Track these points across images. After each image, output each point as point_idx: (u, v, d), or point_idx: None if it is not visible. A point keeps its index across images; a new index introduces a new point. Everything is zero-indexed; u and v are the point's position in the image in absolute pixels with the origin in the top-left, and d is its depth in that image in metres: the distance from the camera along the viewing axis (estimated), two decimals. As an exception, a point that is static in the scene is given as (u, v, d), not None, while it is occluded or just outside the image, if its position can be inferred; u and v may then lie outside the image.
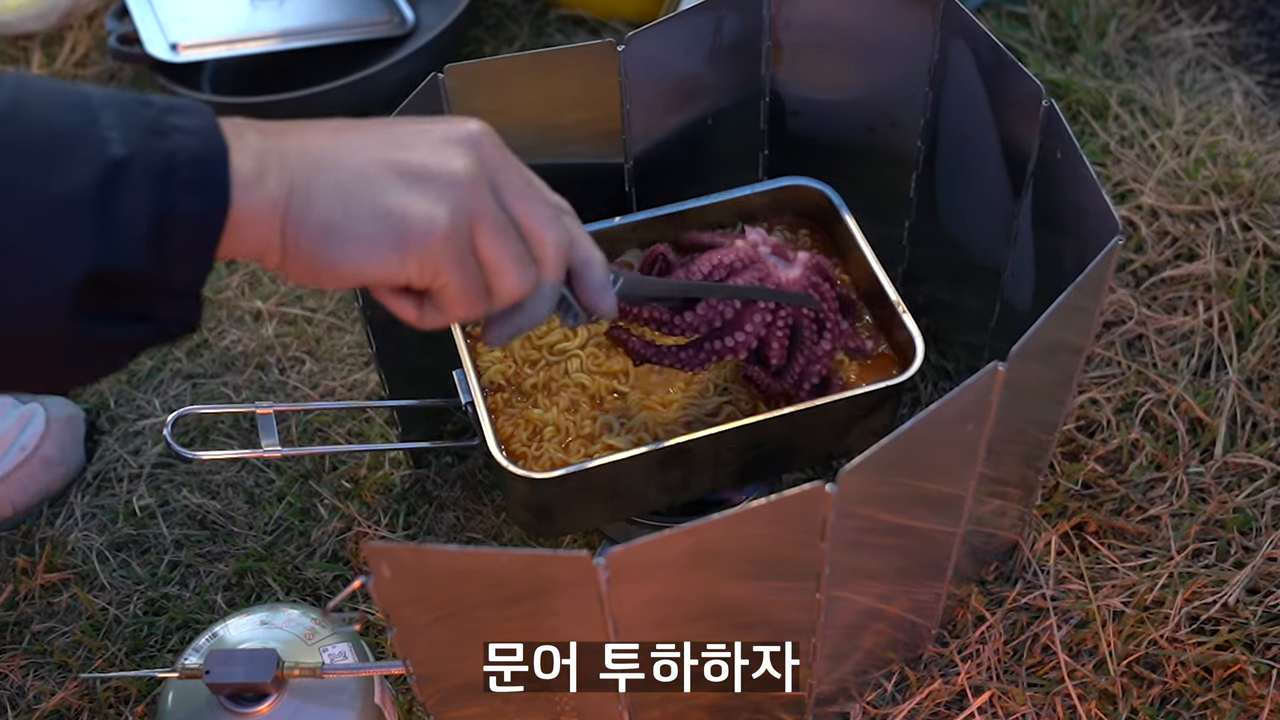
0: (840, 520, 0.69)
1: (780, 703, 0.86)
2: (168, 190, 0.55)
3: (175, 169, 0.55)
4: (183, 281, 0.57)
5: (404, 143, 0.62)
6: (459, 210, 0.61)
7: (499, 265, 0.64)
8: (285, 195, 0.58)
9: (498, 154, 0.65)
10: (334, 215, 0.59)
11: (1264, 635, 0.94)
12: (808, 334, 0.88)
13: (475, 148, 0.64)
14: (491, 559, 0.65)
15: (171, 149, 0.55)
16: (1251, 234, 1.17)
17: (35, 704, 0.97)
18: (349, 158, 0.60)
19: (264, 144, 0.58)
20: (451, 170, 0.62)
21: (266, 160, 0.58)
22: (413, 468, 1.09)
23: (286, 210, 0.58)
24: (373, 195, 0.60)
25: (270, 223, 0.58)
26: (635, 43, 0.92)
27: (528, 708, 0.77)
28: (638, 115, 0.97)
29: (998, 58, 0.88)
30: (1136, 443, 1.05)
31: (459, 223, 0.61)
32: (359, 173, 0.60)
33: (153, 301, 0.57)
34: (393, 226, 0.60)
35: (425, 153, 0.62)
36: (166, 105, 0.57)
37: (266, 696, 0.82)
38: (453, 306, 0.65)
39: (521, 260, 0.65)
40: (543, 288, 0.68)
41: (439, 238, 0.61)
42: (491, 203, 0.63)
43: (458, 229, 0.61)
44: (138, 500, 1.09)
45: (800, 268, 0.89)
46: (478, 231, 0.63)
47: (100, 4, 1.55)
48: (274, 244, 0.59)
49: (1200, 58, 1.40)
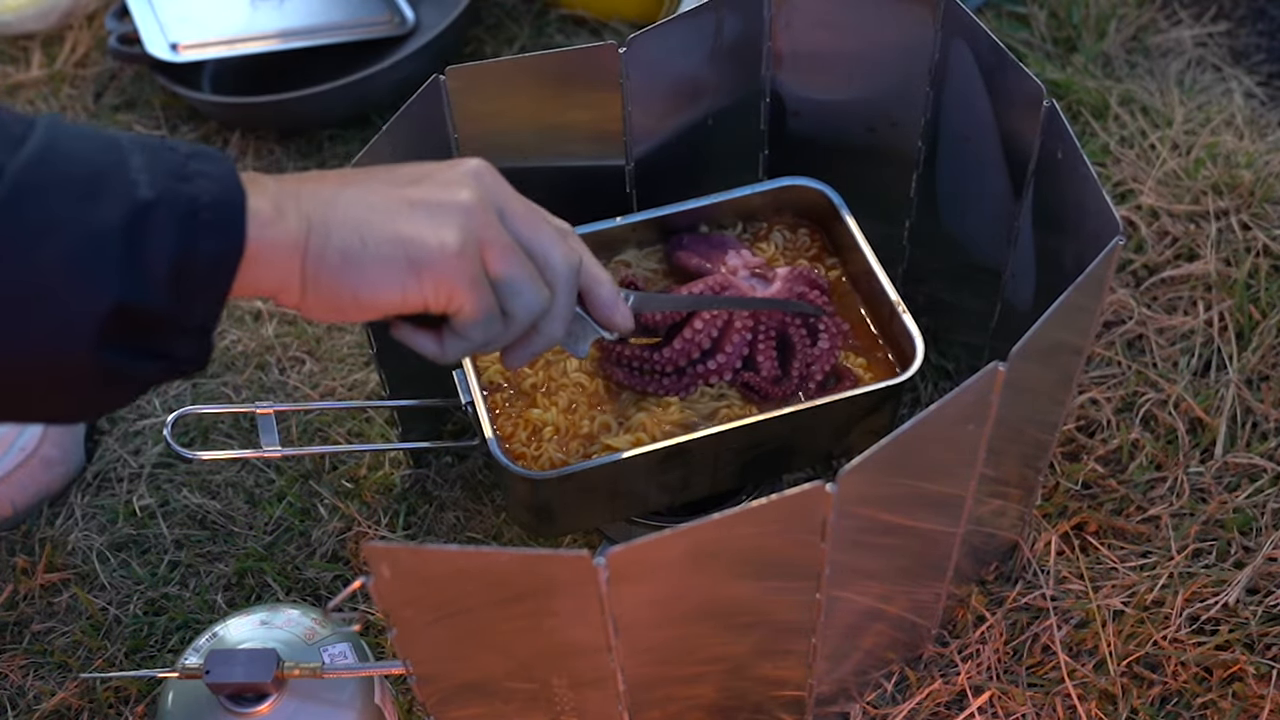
0: (840, 520, 0.69)
1: (780, 703, 0.86)
2: (189, 232, 0.58)
3: (197, 211, 0.58)
4: (198, 319, 0.60)
5: (411, 179, 0.67)
6: (469, 233, 0.65)
7: (513, 284, 0.68)
8: (304, 232, 0.62)
9: (498, 185, 0.69)
10: (351, 245, 0.63)
11: (1264, 635, 0.94)
12: (797, 339, 0.90)
13: (478, 179, 0.68)
14: (491, 559, 0.65)
15: (194, 193, 0.58)
16: (1251, 234, 1.17)
17: (35, 704, 0.97)
18: (361, 195, 0.65)
19: (280, 189, 0.62)
20: (458, 199, 0.66)
21: (284, 201, 0.62)
22: (413, 468, 1.09)
23: (306, 245, 0.62)
24: (386, 224, 0.64)
25: (290, 258, 0.62)
26: (637, 44, 0.92)
27: (528, 708, 0.77)
28: (639, 117, 0.97)
29: (998, 58, 0.88)
30: (1136, 443, 1.05)
31: (469, 244, 0.65)
32: (371, 206, 0.64)
33: (169, 339, 0.59)
34: (407, 250, 0.64)
35: (431, 186, 0.66)
36: (190, 151, 0.60)
37: (266, 696, 0.82)
38: (471, 330, 0.68)
39: (534, 279, 0.69)
40: (556, 307, 0.71)
41: (451, 258, 0.64)
42: (499, 227, 0.67)
43: (468, 250, 0.65)
44: (138, 500, 1.09)
45: (780, 282, 0.93)
46: (488, 254, 0.67)
47: (100, 4, 1.55)
48: (294, 279, 0.63)
49: (1200, 58, 1.40)
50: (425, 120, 0.91)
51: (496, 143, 0.95)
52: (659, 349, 0.90)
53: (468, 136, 0.94)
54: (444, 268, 0.64)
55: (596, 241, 0.99)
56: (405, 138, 0.89)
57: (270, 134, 1.42)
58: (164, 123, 1.45)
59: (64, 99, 1.48)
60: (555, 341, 0.74)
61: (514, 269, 0.68)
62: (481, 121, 0.93)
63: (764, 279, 0.94)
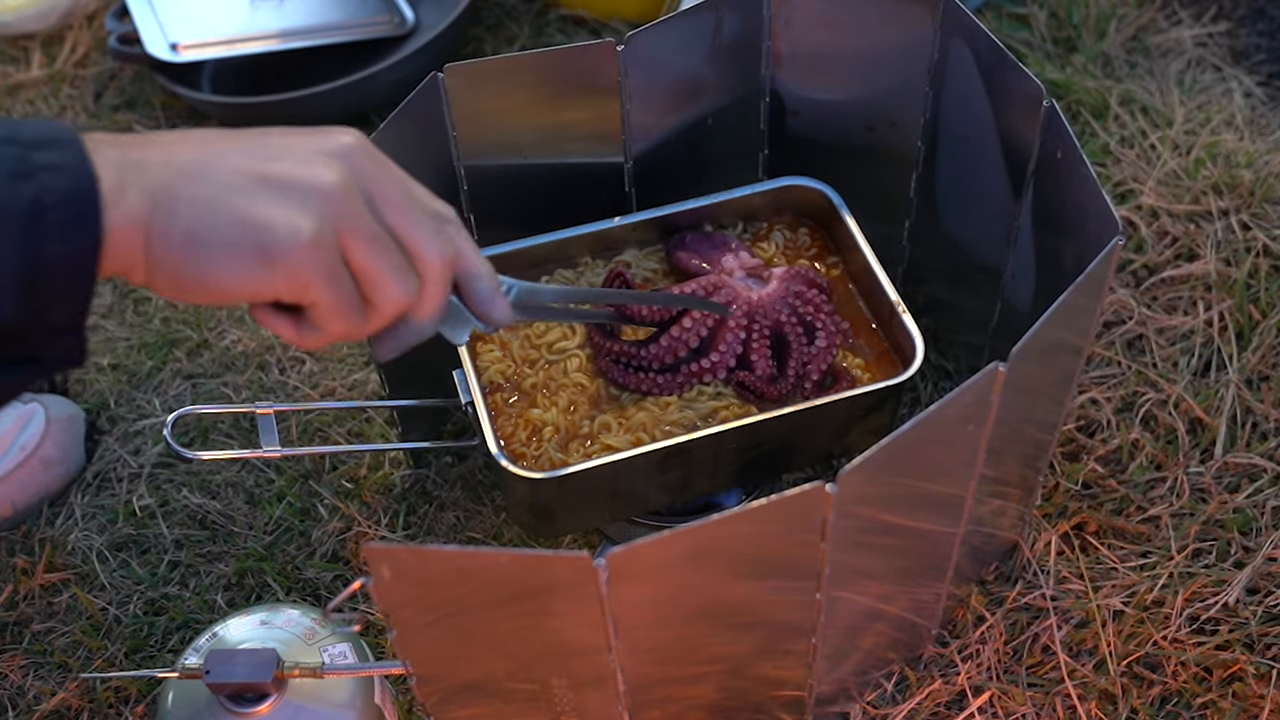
0: (840, 520, 0.69)
1: (780, 703, 0.86)
2: (34, 236, 0.53)
3: (43, 213, 0.53)
4: (61, 321, 0.56)
5: (272, 154, 0.60)
6: (325, 220, 0.60)
7: (375, 277, 0.62)
8: (147, 209, 0.57)
9: (371, 165, 0.63)
10: (196, 226, 0.57)
11: (1264, 635, 0.94)
12: (793, 338, 0.90)
13: (346, 158, 0.62)
14: (491, 559, 0.65)
15: (36, 192, 0.53)
16: (1251, 234, 1.17)
17: (35, 704, 0.97)
18: (213, 169, 0.59)
19: (124, 157, 0.57)
20: (319, 180, 0.60)
21: (126, 173, 0.56)
22: (413, 468, 1.09)
23: (149, 224, 0.57)
24: (236, 206, 0.58)
25: (132, 238, 0.56)
26: (635, 42, 0.92)
27: (528, 708, 0.77)
28: (637, 115, 0.97)
29: (998, 58, 0.88)
30: (1136, 443, 1.05)
31: (325, 233, 0.60)
32: (223, 184, 0.58)
33: (31, 345, 0.56)
34: (256, 237, 0.58)
35: (292, 164, 0.60)
36: (32, 140, 0.54)
37: (266, 696, 0.82)
38: (328, 321, 0.63)
39: (401, 270, 0.63)
40: (425, 299, 0.66)
41: (304, 248, 0.59)
42: (364, 213, 0.61)
43: (324, 239, 0.59)
44: (138, 500, 1.09)
45: (776, 282, 0.93)
46: (349, 243, 0.61)
47: (100, 4, 1.55)
48: (138, 259, 0.57)
49: (1200, 58, 1.40)
50: (423, 118, 0.90)
51: (495, 141, 0.95)
52: (646, 345, 0.90)
53: (466, 135, 0.94)
54: (296, 258, 0.58)
55: (596, 241, 0.99)
56: (403, 136, 0.89)
57: (270, 134, 1.41)
58: (164, 123, 1.45)
59: (64, 99, 1.48)
60: (427, 333, 0.69)
61: (377, 260, 0.62)
62: (480, 119, 0.93)
63: (759, 279, 0.94)
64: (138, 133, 0.59)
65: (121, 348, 1.21)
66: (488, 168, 0.97)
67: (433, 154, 0.94)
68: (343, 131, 0.63)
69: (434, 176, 0.95)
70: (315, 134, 0.63)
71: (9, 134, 0.54)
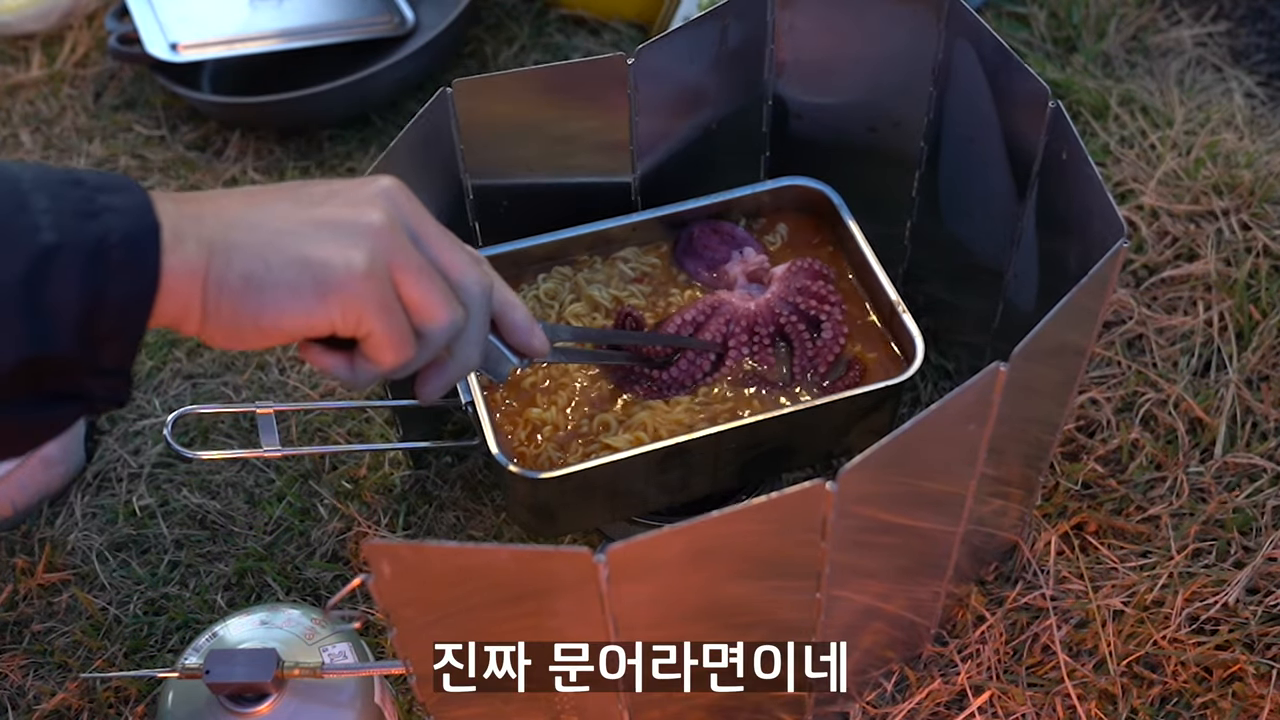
0: (840, 520, 0.69)
1: (780, 703, 0.86)
2: (98, 274, 0.55)
3: (106, 251, 0.55)
4: (112, 361, 0.57)
5: (317, 199, 0.64)
6: (378, 254, 0.62)
7: (425, 304, 0.65)
8: (205, 257, 0.59)
9: (410, 204, 0.66)
10: (254, 269, 0.60)
11: (1264, 635, 0.93)
12: (794, 336, 0.91)
13: (389, 199, 0.65)
14: (491, 557, 0.65)
15: (102, 231, 0.55)
16: (1251, 234, 1.17)
17: (35, 704, 0.97)
18: (264, 217, 0.61)
19: (179, 210, 0.59)
20: (367, 219, 0.63)
21: (183, 226, 0.58)
22: (413, 468, 1.09)
23: (207, 272, 0.59)
24: (291, 247, 0.61)
25: (190, 286, 0.58)
26: (645, 55, 0.92)
27: (528, 708, 0.77)
28: (645, 125, 0.97)
29: (1003, 58, 0.88)
30: (1136, 443, 1.05)
31: (378, 266, 0.62)
32: (275, 229, 0.61)
33: (81, 381, 0.57)
34: (312, 273, 0.61)
35: (338, 206, 0.63)
36: (98, 183, 0.56)
37: (266, 696, 0.82)
38: (381, 353, 0.65)
39: (448, 298, 0.66)
40: (470, 330, 0.69)
41: (359, 279, 0.61)
42: (410, 247, 0.65)
43: (377, 272, 0.62)
44: (138, 500, 1.09)
45: (776, 284, 0.95)
46: (399, 275, 0.64)
47: (100, 4, 1.55)
48: (194, 307, 0.59)
49: (1200, 58, 1.40)
50: (431, 132, 0.90)
51: (502, 155, 0.95)
52: (666, 369, 0.92)
53: (473, 148, 0.94)
54: (352, 290, 0.61)
55: (596, 239, 0.99)
56: (412, 150, 0.89)
57: (270, 134, 1.42)
58: (164, 123, 1.45)
59: (64, 99, 1.48)
60: (471, 367, 0.71)
61: (427, 290, 0.65)
62: (487, 133, 0.93)
63: (760, 284, 0.96)
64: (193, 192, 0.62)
65: (121, 347, 1.21)
66: (494, 182, 0.97)
67: (440, 167, 0.94)
68: (380, 177, 0.67)
69: (441, 189, 0.95)
70: (355, 181, 0.66)
71: (76, 178, 0.56)
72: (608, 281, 0.98)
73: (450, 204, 0.96)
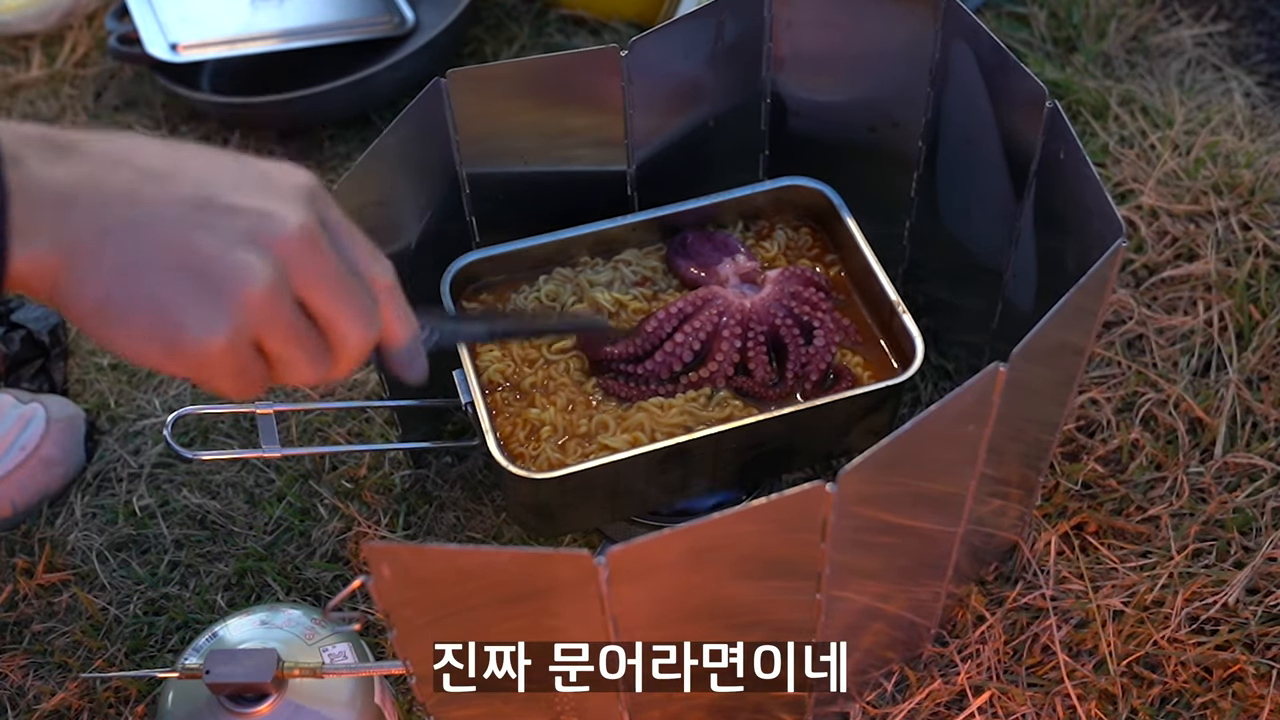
0: (840, 520, 0.69)
1: (780, 703, 0.86)
2: None
3: None
4: None
5: (211, 213, 0.56)
6: (242, 326, 0.56)
7: (286, 365, 0.60)
8: (58, 262, 0.53)
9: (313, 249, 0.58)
10: (109, 299, 0.54)
11: (1264, 635, 0.94)
12: (789, 340, 0.91)
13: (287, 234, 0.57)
14: (491, 558, 0.65)
15: None
16: (1251, 234, 1.17)
17: (35, 704, 0.97)
18: (142, 230, 0.54)
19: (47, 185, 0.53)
20: (247, 271, 0.55)
21: (40, 216, 0.52)
22: (413, 468, 1.09)
23: (57, 278, 0.54)
24: (152, 285, 0.54)
25: (40, 283, 0.54)
26: (638, 48, 0.92)
27: (528, 708, 0.77)
28: (640, 119, 0.97)
29: (1000, 58, 0.88)
30: (1136, 443, 1.05)
31: (239, 339, 0.56)
32: (145, 258, 0.54)
33: None
34: (165, 331, 0.55)
35: (224, 239, 0.55)
36: None
37: (266, 696, 0.82)
38: (229, 393, 0.59)
39: (314, 358, 0.60)
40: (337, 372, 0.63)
41: (213, 355, 0.56)
42: (287, 309, 0.58)
43: (236, 346, 0.56)
44: (138, 500, 1.09)
45: (771, 286, 0.94)
46: (265, 337, 0.58)
47: (100, 4, 1.55)
48: (44, 296, 0.55)
49: (1200, 58, 1.40)
50: (426, 123, 0.90)
51: (498, 146, 0.95)
52: (642, 361, 0.91)
53: (468, 139, 0.94)
54: (202, 360, 0.56)
55: (597, 241, 0.99)
56: (406, 140, 0.89)
57: (270, 134, 1.42)
58: (164, 122, 1.45)
59: (64, 99, 1.48)
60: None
61: (291, 353, 0.59)
62: (482, 124, 0.93)
63: (754, 284, 0.95)
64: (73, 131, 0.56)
65: (121, 348, 1.21)
66: (490, 172, 0.97)
67: (435, 158, 0.94)
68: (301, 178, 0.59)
69: (436, 181, 0.95)
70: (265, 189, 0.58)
71: None
72: (610, 284, 0.98)
73: (446, 197, 0.96)
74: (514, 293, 0.98)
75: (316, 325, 0.60)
